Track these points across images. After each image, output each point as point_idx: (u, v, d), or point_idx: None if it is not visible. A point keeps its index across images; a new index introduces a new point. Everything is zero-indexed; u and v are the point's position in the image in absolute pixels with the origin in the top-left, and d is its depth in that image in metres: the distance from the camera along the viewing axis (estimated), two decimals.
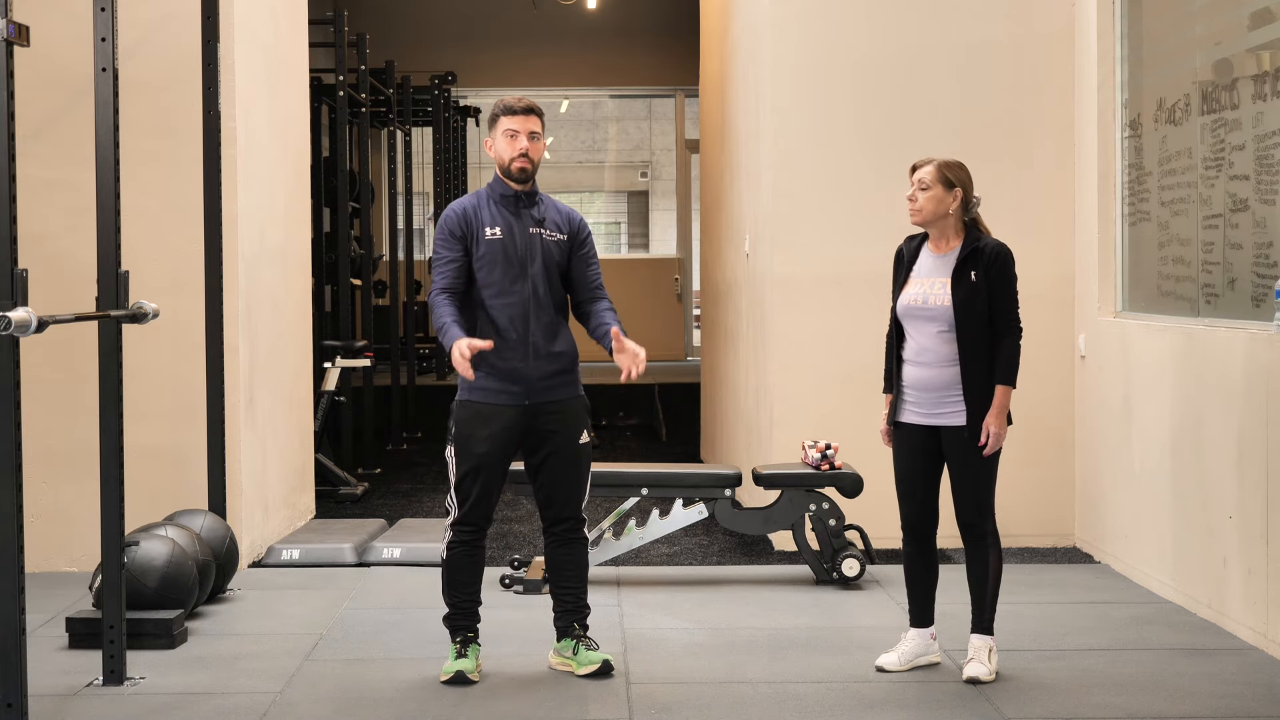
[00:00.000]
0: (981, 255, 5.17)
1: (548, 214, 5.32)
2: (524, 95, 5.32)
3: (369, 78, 12.09)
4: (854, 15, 7.68)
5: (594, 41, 17.39)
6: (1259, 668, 5.38)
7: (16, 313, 4.28)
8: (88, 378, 6.01)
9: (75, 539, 6.96)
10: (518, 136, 5.22)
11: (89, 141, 5.39)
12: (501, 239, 5.21)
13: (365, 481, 9.95)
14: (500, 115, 5.25)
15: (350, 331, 11.96)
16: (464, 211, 5.26)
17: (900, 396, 5.28)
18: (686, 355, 17.73)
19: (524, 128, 5.22)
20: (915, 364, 5.22)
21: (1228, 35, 6.48)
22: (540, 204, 5.33)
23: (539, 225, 5.27)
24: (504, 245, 5.21)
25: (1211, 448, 6.02)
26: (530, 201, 5.29)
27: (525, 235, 5.24)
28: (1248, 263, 6.06)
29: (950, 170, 5.23)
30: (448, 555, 5.29)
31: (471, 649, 5.27)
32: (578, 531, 5.36)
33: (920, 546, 5.31)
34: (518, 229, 5.24)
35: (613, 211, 22.25)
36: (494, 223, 5.23)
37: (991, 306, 5.16)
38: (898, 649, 5.35)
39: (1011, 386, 5.17)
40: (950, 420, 5.19)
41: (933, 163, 5.25)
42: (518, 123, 5.22)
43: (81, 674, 5.31)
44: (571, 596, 5.37)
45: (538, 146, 5.26)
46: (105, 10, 5.16)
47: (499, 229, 5.22)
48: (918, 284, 5.24)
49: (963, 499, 5.22)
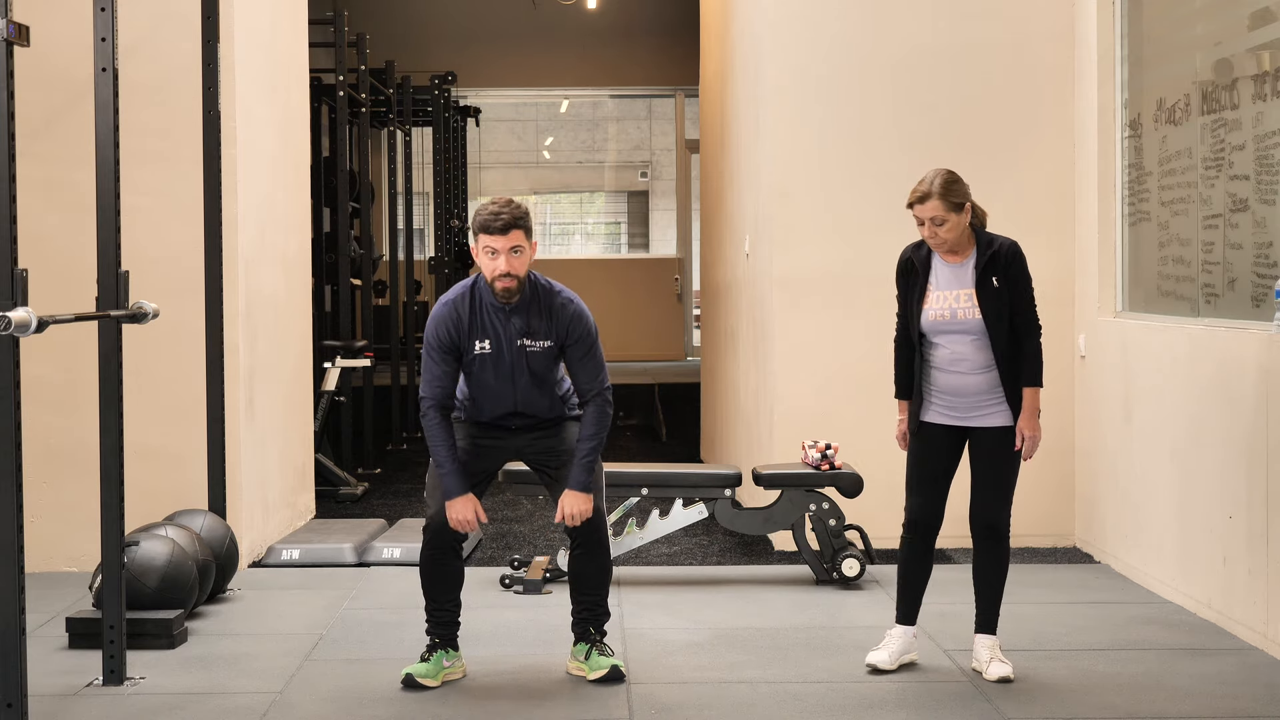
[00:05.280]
0: (999, 259, 5.16)
1: (535, 322, 5.11)
2: (504, 206, 5.00)
3: (369, 78, 12.09)
4: (854, 15, 7.68)
5: (594, 41, 17.39)
6: (1259, 668, 5.38)
7: (16, 313, 4.28)
8: (88, 378, 6.01)
9: (75, 539, 6.96)
10: (498, 255, 4.99)
11: (89, 141, 5.39)
12: (490, 353, 5.11)
13: (365, 481, 9.95)
14: (479, 232, 4.99)
15: (350, 331, 11.95)
16: (456, 321, 5.09)
17: (927, 400, 5.26)
18: (686, 355, 17.74)
19: (504, 246, 4.97)
20: (951, 372, 5.20)
21: (1228, 35, 6.48)
22: (529, 309, 5.10)
23: (525, 335, 5.10)
24: (493, 359, 5.11)
25: (1211, 448, 6.02)
26: (520, 309, 5.10)
27: (512, 349, 5.10)
28: (1248, 263, 6.06)
29: (953, 194, 5.12)
30: (420, 561, 5.27)
31: (436, 655, 5.21)
32: (599, 537, 5.26)
33: (924, 545, 5.31)
34: (505, 342, 5.10)
35: (613, 211, 22.24)
36: (483, 335, 5.09)
37: (1011, 305, 5.17)
38: (886, 647, 5.34)
39: (1040, 386, 5.20)
40: (988, 421, 5.19)
41: (932, 196, 5.11)
42: (497, 242, 4.97)
43: (81, 674, 5.31)
44: (590, 603, 5.32)
45: (522, 259, 5.01)
46: (105, 10, 5.16)
47: (488, 342, 5.10)
48: (940, 297, 5.20)
49: (989, 500, 5.21)
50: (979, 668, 5.28)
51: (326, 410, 9.70)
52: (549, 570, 6.75)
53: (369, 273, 11.91)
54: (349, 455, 10.47)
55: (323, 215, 12.36)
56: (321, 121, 12.21)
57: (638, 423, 13.98)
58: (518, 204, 5.06)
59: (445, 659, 5.23)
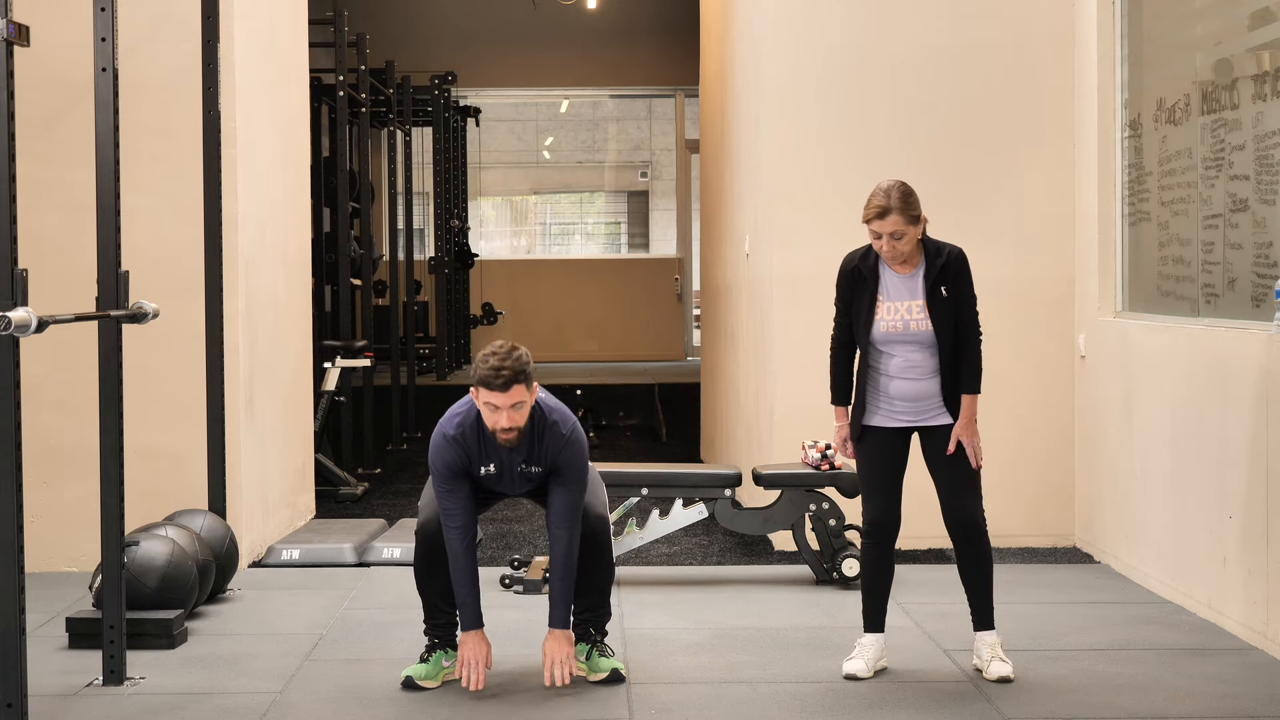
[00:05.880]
0: (948, 270, 5.18)
1: (534, 453, 5.13)
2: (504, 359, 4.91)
3: (369, 78, 12.09)
4: (854, 15, 7.67)
5: (594, 41, 17.39)
6: (1259, 668, 5.38)
7: (16, 313, 4.28)
8: (88, 378, 6.01)
9: (75, 539, 6.96)
10: (499, 411, 4.95)
11: (89, 141, 5.39)
12: (495, 474, 5.16)
13: (365, 481, 9.95)
14: (480, 386, 4.95)
15: (350, 331, 11.96)
16: (465, 449, 5.08)
17: (872, 405, 5.28)
18: (686, 355, 17.74)
19: (505, 403, 4.93)
20: (904, 379, 5.22)
21: (1228, 35, 6.48)
22: (531, 444, 5.10)
23: (526, 463, 5.15)
24: (496, 479, 5.17)
25: (1211, 448, 6.02)
26: (521, 446, 5.11)
27: (513, 473, 5.16)
28: (1248, 263, 6.06)
29: (910, 206, 5.11)
30: (414, 562, 5.26)
31: (435, 656, 5.21)
32: (601, 538, 5.26)
33: (885, 549, 5.29)
34: (508, 468, 5.15)
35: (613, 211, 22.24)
36: (488, 460, 5.12)
37: (953, 308, 5.19)
38: (861, 656, 5.30)
39: (978, 393, 5.22)
40: (942, 419, 5.22)
41: (892, 210, 5.08)
42: (498, 399, 4.93)
43: (81, 674, 5.31)
44: (592, 603, 5.31)
45: (523, 413, 4.97)
46: (105, 10, 5.16)
47: (493, 466, 5.13)
48: (890, 309, 5.21)
49: (963, 499, 5.21)
50: (980, 666, 5.28)
51: (326, 410, 9.70)
52: (549, 570, 6.74)
53: (369, 273, 11.91)
54: (349, 455, 10.47)
55: (323, 215, 12.36)
56: (321, 121, 12.22)
57: (638, 423, 13.99)
58: (518, 354, 4.96)
59: (445, 659, 5.23)
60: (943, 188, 7.62)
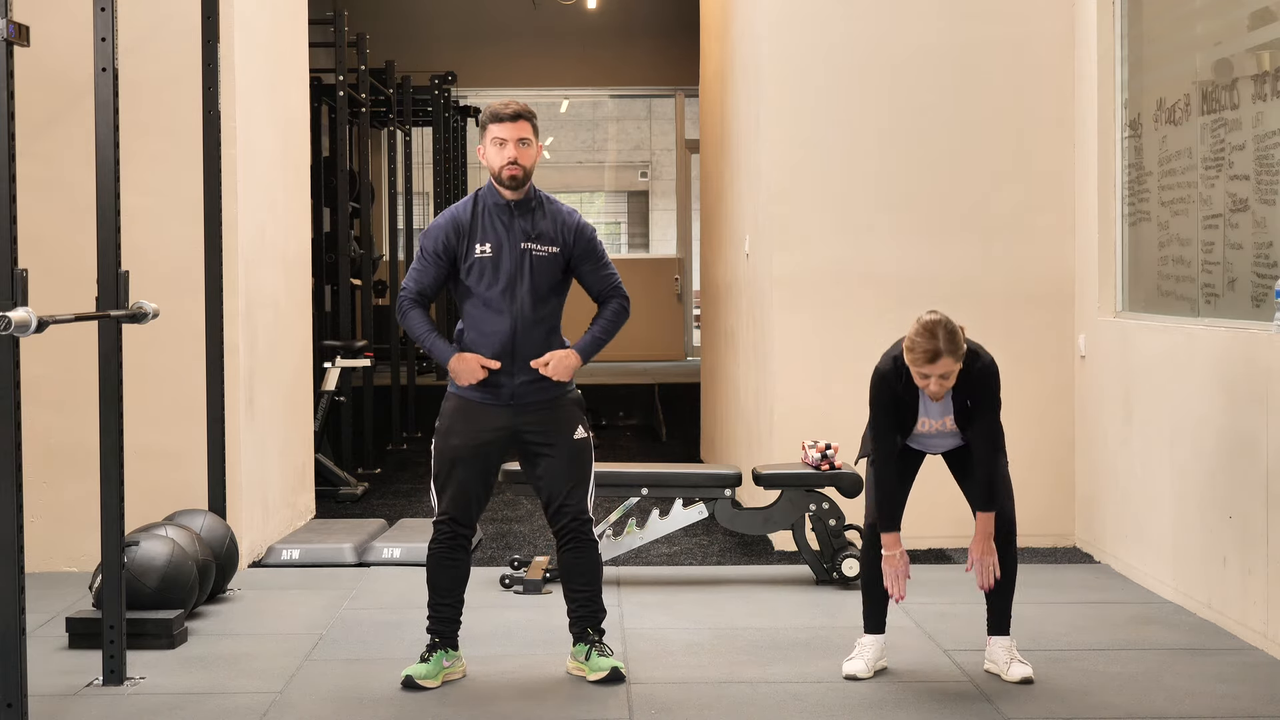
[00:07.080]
0: (971, 384, 5.10)
1: (542, 224, 5.15)
2: (513, 99, 5.17)
3: (369, 78, 12.09)
4: (854, 15, 7.67)
5: (594, 41, 17.39)
6: (1259, 668, 5.38)
7: (16, 313, 4.28)
8: (88, 378, 6.01)
9: (75, 539, 6.96)
10: (506, 145, 5.07)
11: (89, 141, 5.39)
12: (491, 256, 5.10)
13: (365, 481, 9.95)
14: (489, 123, 5.11)
15: (350, 331, 11.96)
16: (455, 224, 5.12)
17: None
18: (686, 355, 17.74)
19: (513, 135, 5.07)
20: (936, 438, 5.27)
21: (1228, 35, 6.48)
22: (535, 213, 5.16)
23: (530, 239, 5.12)
24: (494, 262, 5.10)
25: (1211, 448, 6.02)
26: (525, 209, 5.14)
27: (515, 252, 5.10)
28: (1248, 263, 6.06)
29: (957, 345, 4.93)
30: (428, 555, 5.26)
31: (436, 655, 5.20)
32: (585, 532, 5.23)
33: None
34: (508, 244, 5.10)
35: (613, 211, 22.24)
36: (484, 238, 5.10)
37: (974, 418, 5.14)
38: (861, 656, 5.29)
39: (995, 512, 5.17)
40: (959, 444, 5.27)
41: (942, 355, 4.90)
42: (506, 130, 5.07)
43: (81, 674, 5.31)
44: (583, 600, 5.29)
45: (529, 152, 5.10)
46: (105, 10, 5.16)
47: (489, 245, 5.10)
48: (927, 424, 5.19)
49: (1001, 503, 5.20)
50: (996, 670, 5.25)
51: (326, 410, 9.70)
52: (549, 570, 6.75)
53: (369, 273, 11.91)
54: (349, 455, 10.47)
55: (323, 215, 12.36)
56: (321, 121, 12.22)
57: (638, 423, 13.98)
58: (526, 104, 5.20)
59: (445, 659, 5.22)
60: (942, 187, 7.63)
